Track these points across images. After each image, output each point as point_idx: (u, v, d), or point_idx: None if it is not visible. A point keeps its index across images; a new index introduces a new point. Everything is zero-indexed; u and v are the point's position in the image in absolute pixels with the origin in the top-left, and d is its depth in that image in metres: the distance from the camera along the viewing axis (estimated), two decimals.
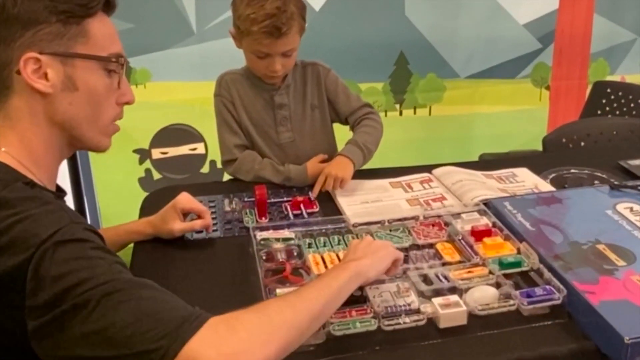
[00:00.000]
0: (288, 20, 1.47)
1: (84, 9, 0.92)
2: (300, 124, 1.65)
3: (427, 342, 0.99)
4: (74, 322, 0.77)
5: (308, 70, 1.67)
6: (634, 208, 1.32)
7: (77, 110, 0.95)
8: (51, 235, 0.79)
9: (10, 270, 0.78)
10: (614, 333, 0.94)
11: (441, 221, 1.31)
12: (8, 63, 0.90)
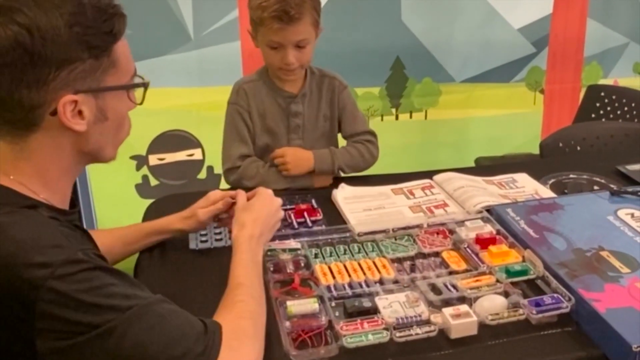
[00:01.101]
0: (297, 5, 1.48)
1: (111, 36, 0.91)
2: (312, 133, 1.66)
3: (439, 353, 0.99)
4: (100, 351, 0.80)
5: (325, 82, 1.68)
6: (635, 214, 1.33)
7: (106, 138, 0.95)
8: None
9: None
10: (622, 340, 0.95)
11: (445, 229, 1.31)
12: (41, 105, 0.86)
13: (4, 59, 0.82)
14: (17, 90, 0.84)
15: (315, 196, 1.52)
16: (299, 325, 1.00)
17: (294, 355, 0.95)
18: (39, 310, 0.77)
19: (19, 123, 0.87)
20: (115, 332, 0.80)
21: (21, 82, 0.83)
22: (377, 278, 1.14)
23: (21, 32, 0.81)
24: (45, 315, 0.78)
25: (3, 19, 0.82)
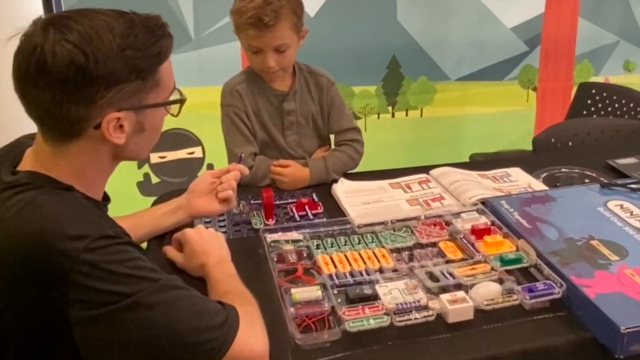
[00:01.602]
0: (273, 12, 1.51)
1: (158, 58, 0.95)
2: (305, 128, 1.71)
3: (437, 337, 1.04)
4: (131, 321, 0.85)
5: (313, 79, 1.71)
6: (623, 205, 1.38)
7: (141, 146, 1.01)
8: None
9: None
10: (611, 323, 1.00)
11: (442, 221, 1.36)
12: (86, 119, 0.91)
13: (58, 75, 0.86)
14: (67, 104, 0.89)
15: (315, 190, 1.57)
16: (303, 311, 1.05)
17: (299, 339, 0.99)
18: (73, 281, 0.83)
19: (64, 132, 0.93)
20: (144, 302, 0.85)
21: (71, 98, 0.88)
22: (377, 267, 1.19)
23: (76, 52, 0.86)
24: (79, 286, 0.83)
25: (59, 36, 0.86)
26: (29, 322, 0.88)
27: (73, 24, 0.88)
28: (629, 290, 1.08)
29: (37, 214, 0.87)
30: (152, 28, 0.94)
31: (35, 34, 0.88)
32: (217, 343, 0.90)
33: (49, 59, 0.86)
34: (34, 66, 0.87)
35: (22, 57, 0.89)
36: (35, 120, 0.94)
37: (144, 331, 0.87)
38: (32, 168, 0.96)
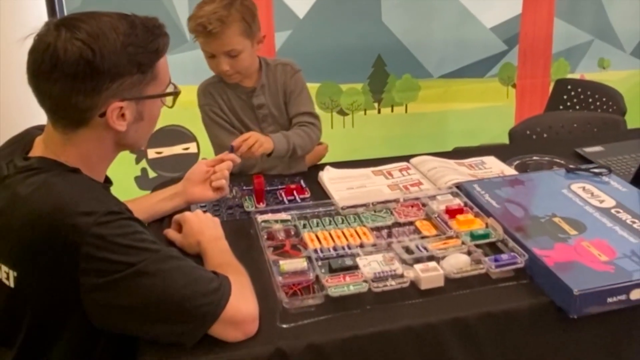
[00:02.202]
0: (218, 21, 1.60)
1: (156, 54, 1.06)
2: (280, 119, 1.79)
3: (411, 302, 1.15)
4: (136, 287, 0.95)
5: (279, 69, 1.80)
6: (585, 187, 1.50)
7: (140, 134, 1.11)
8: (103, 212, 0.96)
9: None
10: (566, 288, 1.12)
11: (419, 202, 1.47)
12: (92, 108, 1.02)
13: (69, 69, 0.97)
14: (76, 95, 0.99)
15: (303, 177, 1.68)
16: (290, 280, 1.16)
17: (286, 303, 1.10)
18: (83, 252, 0.93)
19: (73, 120, 1.03)
20: (147, 270, 0.96)
21: (80, 89, 0.99)
22: (358, 243, 1.30)
23: (85, 49, 0.97)
24: (89, 257, 0.93)
25: (69, 35, 0.97)
26: (43, 290, 0.98)
27: (82, 24, 0.99)
28: (584, 260, 1.20)
29: (50, 193, 0.98)
30: (150, 28, 1.05)
31: (49, 33, 0.99)
32: (211, 307, 1.01)
33: (61, 55, 0.97)
34: (48, 61, 0.98)
35: (37, 54, 1.00)
36: (47, 110, 1.04)
37: (146, 296, 0.97)
38: (42, 154, 1.06)
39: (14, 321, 1.03)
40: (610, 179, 1.55)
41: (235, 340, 1.04)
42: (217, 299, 1.01)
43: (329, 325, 1.09)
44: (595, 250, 1.23)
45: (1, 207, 1.00)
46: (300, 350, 1.04)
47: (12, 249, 0.98)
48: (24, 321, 1.02)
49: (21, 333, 1.03)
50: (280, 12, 2.75)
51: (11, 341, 1.06)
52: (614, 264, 1.18)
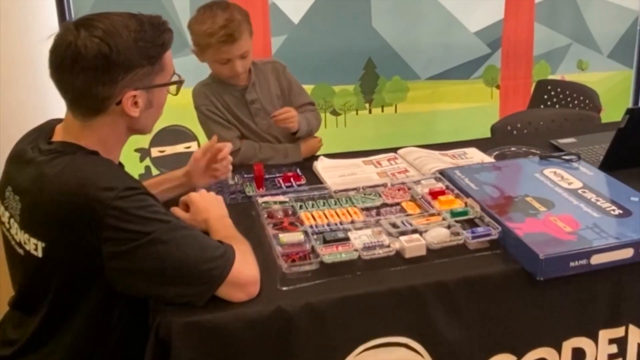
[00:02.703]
0: (237, 27, 1.77)
1: (163, 48, 1.20)
2: (272, 111, 1.93)
3: (396, 268, 1.29)
4: (152, 254, 1.08)
5: (268, 67, 1.98)
6: (556, 172, 1.65)
7: (149, 119, 1.26)
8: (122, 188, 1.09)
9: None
10: (533, 254, 1.26)
11: (405, 186, 1.61)
12: (109, 97, 1.15)
13: (88, 63, 1.11)
14: (95, 86, 1.13)
15: (299, 166, 1.82)
16: (288, 250, 1.29)
17: (285, 269, 1.24)
18: (105, 223, 1.06)
19: (93, 109, 1.17)
20: (161, 238, 1.09)
21: (99, 81, 1.13)
22: (350, 220, 1.44)
23: (102, 45, 1.11)
24: (110, 227, 1.06)
25: (87, 33, 1.11)
26: (68, 259, 1.11)
27: (97, 23, 1.13)
28: (551, 231, 1.34)
29: (75, 172, 1.11)
30: (156, 25, 1.19)
31: (69, 33, 1.12)
32: (217, 270, 1.14)
33: (82, 51, 1.11)
34: (70, 57, 1.12)
35: (59, 51, 1.13)
36: (68, 100, 1.18)
37: (160, 262, 1.10)
38: (63, 139, 1.20)
39: (40, 290, 1.15)
40: (579, 165, 1.70)
41: (239, 301, 1.17)
42: (223, 264, 1.15)
43: (323, 287, 1.23)
44: (561, 223, 1.37)
45: (29, 185, 1.14)
46: (298, 309, 1.18)
47: (41, 222, 1.11)
48: (50, 289, 1.14)
49: (46, 301, 1.15)
50: (276, 18, 2.90)
51: (35, 309, 1.18)
52: (577, 234, 1.33)
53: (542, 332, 1.35)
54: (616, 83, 3.42)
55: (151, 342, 1.15)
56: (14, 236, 1.18)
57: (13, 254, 1.20)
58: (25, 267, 1.17)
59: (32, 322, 1.19)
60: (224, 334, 1.14)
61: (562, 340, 1.36)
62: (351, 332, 1.22)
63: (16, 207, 1.16)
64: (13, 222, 1.18)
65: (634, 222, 1.38)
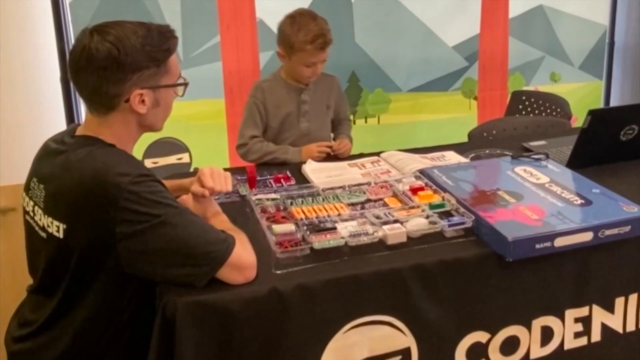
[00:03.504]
0: (329, 36, 2.09)
1: (168, 52, 1.33)
2: (316, 117, 2.19)
3: (379, 254, 1.41)
4: (160, 235, 1.20)
5: (327, 79, 2.26)
6: (526, 169, 1.79)
7: (157, 117, 1.38)
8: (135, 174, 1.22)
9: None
10: (503, 237, 1.39)
11: (387, 184, 1.75)
12: (118, 95, 1.28)
13: (99, 64, 1.24)
14: (106, 85, 1.26)
15: (289, 169, 1.95)
16: (281, 238, 1.42)
17: (279, 254, 1.36)
18: (121, 205, 1.18)
19: (105, 105, 1.30)
20: (170, 220, 1.21)
21: (110, 80, 1.26)
22: (337, 214, 1.57)
23: (112, 48, 1.24)
24: (125, 209, 1.18)
25: (100, 37, 1.24)
26: (86, 238, 1.23)
27: (110, 30, 1.27)
28: (519, 218, 1.48)
29: (95, 160, 1.24)
30: (163, 32, 1.33)
31: (84, 37, 1.26)
32: (219, 253, 1.26)
33: (94, 53, 1.24)
34: (84, 58, 1.25)
35: (75, 53, 1.27)
36: (84, 98, 1.31)
37: (168, 242, 1.22)
38: (84, 133, 1.33)
39: (60, 270, 1.27)
40: (548, 163, 1.84)
41: (237, 283, 1.28)
42: (224, 247, 1.27)
43: (313, 271, 1.35)
44: (528, 212, 1.51)
45: (54, 172, 1.27)
46: (291, 289, 1.30)
47: (63, 205, 1.24)
48: (68, 269, 1.26)
49: (65, 280, 1.27)
50: (264, 34, 3.03)
51: (54, 289, 1.30)
52: (543, 221, 1.46)
53: (513, 311, 1.48)
54: (587, 93, 3.58)
55: (158, 321, 1.26)
56: (38, 222, 1.29)
57: (36, 239, 1.31)
58: (48, 249, 1.28)
59: (49, 304, 1.31)
60: (224, 312, 1.26)
61: (531, 319, 1.50)
62: (339, 311, 1.34)
63: (40, 195, 1.28)
64: (37, 209, 1.30)
65: (594, 210, 1.52)
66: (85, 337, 1.30)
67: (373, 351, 1.39)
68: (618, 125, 1.90)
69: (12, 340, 1.38)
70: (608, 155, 1.93)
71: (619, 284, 1.55)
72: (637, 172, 1.91)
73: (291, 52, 2.09)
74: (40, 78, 2.78)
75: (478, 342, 1.46)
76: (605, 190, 1.62)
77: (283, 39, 2.11)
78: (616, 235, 1.45)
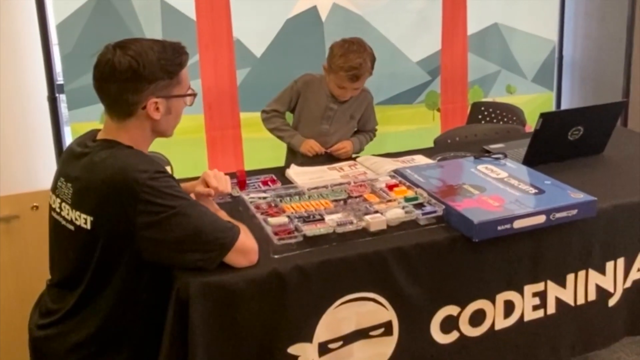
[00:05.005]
0: (364, 72, 2.32)
1: (180, 66, 1.50)
2: (338, 125, 2.45)
3: (363, 239, 1.61)
4: (176, 224, 1.37)
5: (361, 93, 2.48)
6: (487, 167, 2.02)
7: (169, 124, 1.54)
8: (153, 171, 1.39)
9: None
10: (469, 221, 1.61)
11: (366, 183, 1.95)
12: (137, 103, 1.45)
13: (121, 75, 1.41)
14: (126, 94, 1.43)
15: (274, 173, 2.14)
16: (277, 228, 1.60)
17: (276, 241, 1.54)
18: (141, 198, 1.35)
19: (124, 112, 1.46)
20: (184, 211, 1.38)
21: (129, 89, 1.43)
22: (323, 208, 1.76)
23: (132, 61, 1.41)
24: (144, 201, 1.35)
25: (122, 52, 1.42)
26: (112, 228, 1.38)
27: (130, 45, 1.44)
28: (483, 206, 1.69)
29: (117, 159, 1.40)
30: (176, 48, 1.51)
31: (108, 52, 1.44)
32: (227, 240, 1.44)
33: (117, 66, 1.42)
34: (108, 70, 1.43)
35: (100, 66, 1.44)
36: (106, 105, 1.48)
37: (182, 231, 1.39)
38: (104, 137, 1.49)
39: (87, 258, 1.42)
40: (506, 161, 2.07)
41: (242, 266, 1.47)
42: (231, 235, 1.45)
43: (307, 255, 1.54)
44: (490, 201, 1.73)
45: (81, 172, 1.43)
46: (289, 270, 1.48)
47: (90, 200, 1.40)
48: (94, 257, 1.41)
49: (89, 270, 1.42)
50: (241, 52, 3.22)
51: (79, 281, 1.45)
52: (503, 207, 1.68)
53: (480, 287, 1.69)
54: (540, 104, 3.85)
55: (172, 302, 1.43)
56: (65, 217, 1.45)
57: (62, 234, 1.47)
58: (76, 240, 1.43)
59: (72, 296, 1.46)
60: (232, 291, 1.44)
61: (496, 294, 1.71)
62: (331, 289, 1.54)
63: (67, 193, 1.44)
64: (64, 206, 1.45)
65: (546, 198, 1.75)
66: (107, 322, 1.45)
67: (360, 324, 1.58)
68: (566, 127, 2.15)
69: (35, 327, 1.52)
70: (558, 153, 2.18)
71: (569, 262, 1.78)
72: (582, 167, 2.16)
73: (330, 70, 2.36)
74: (29, 96, 2.92)
75: (450, 315, 1.67)
76: (555, 181, 1.86)
77: (329, 56, 2.37)
78: (565, 217, 1.68)
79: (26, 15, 2.87)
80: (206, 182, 1.69)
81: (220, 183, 1.69)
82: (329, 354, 1.56)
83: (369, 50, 2.37)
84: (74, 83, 2.93)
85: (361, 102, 2.52)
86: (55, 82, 2.98)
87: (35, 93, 2.95)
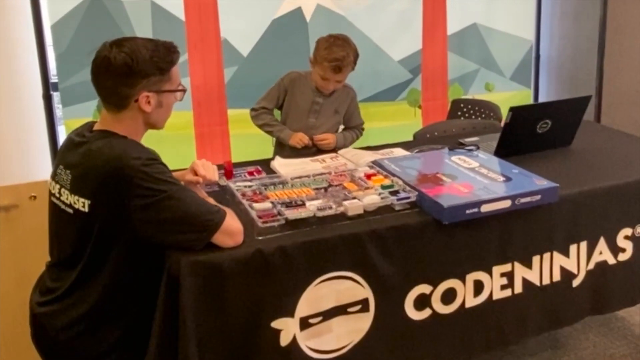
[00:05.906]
0: (347, 65, 2.46)
1: (171, 63, 1.61)
2: (324, 118, 2.57)
3: (341, 223, 1.73)
4: (167, 207, 1.48)
5: (344, 90, 2.65)
6: (461, 158, 2.15)
7: (160, 117, 1.65)
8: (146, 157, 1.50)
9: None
10: (440, 205, 1.73)
11: (346, 173, 2.07)
12: (130, 96, 1.55)
13: (116, 70, 1.52)
14: (120, 87, 1.54)
15: (260, 164, 2.26)
16: (261, 213, 1.72)
17: (261, 224, 1.65)
18: (134, 183, 1.46)
19: (118, 104, 1.57)
20: (174, 195, 1.49)
21: (124, 84, 1.54)
22: (304, 195, 1.88)
23: (127, 57, 1.52)
24: (137, 186, 1.46)
25: (117, 49, 1.52)
26: (108, 211, 1.49)
27: (125, 43, 1.55)
28: (453, 192, 1.82)
29: (113, 147, 1.51)
30: (168, 47, 1.62)
31: (105, 49, 1.55)
32: (214, 221, 1.55)
33: (112, 61, 1.53)
34: (104, 66, 1.54)
35: (97, 61, 1.55)
36: (102, 97, 1.58)
37: (173, 213, 1.50)
38: (101, 128, 1.60)
39: (85, 240, 1.52)
40: (479, 153, 2.20)
41: (228, 246, 1.58)
42: (218, 217, 1.57)
43: (289, 236, 1.66)
44: (461, 187, 1.85)
45: (79, 159, 1.53)
46: (272, 250, 1.60)
47: (88, 185, 1.51)
48: (92, 238, 1.52)
49: (87, 250, 1.53)
50: (228, 52, 3.33)
51: (77, 260, 1.55)
52: (472, 192, 1.81)
53: (450, 267, 1.82)
54: (518, 101, 3.98)
55: (164, 279, 1.55)
56: (64, 201, 1.56)
57: (62, 217, 1.57)
58: (74, 223, 1.54)
59: (70, 275, 1.56)
60: (219, 269, 1.55)
61: (465, 274, 1.84)
62: (311, 268, 1.66)
63: (66, 179, 1.55)
64: (63, 191, 1.56)
65: (512, 185, 1.88)
66: (104, 298, 1.56)
67: (339, 301, 1.70)
68: (534, 120, 2.28)
69: (36, 305, 1.63)
70: (528, 145, 2.31)
71: (535, 244, 1.91)
72: (551, 157, 2.30)
73: (315, 62, 2.51)
74: (25, 94, 3.02)
75: (423, 293, 1.79)
76: (523, 170, 1.99)
77: (315, 48, 2.52)
78: (529, 202, 1.81)
79: (22, 16, 2.97)
80: (195, 170, 1.80)
81: (208, 172, 1.80)
82: (309, 328, 1.67)
83: (353, 46, 2.51)
84: (68, 81, 3.04)
85: (345, 98, 2.65)
86: (50, 80, 3.08)
87: (30, 91, 3.05)
